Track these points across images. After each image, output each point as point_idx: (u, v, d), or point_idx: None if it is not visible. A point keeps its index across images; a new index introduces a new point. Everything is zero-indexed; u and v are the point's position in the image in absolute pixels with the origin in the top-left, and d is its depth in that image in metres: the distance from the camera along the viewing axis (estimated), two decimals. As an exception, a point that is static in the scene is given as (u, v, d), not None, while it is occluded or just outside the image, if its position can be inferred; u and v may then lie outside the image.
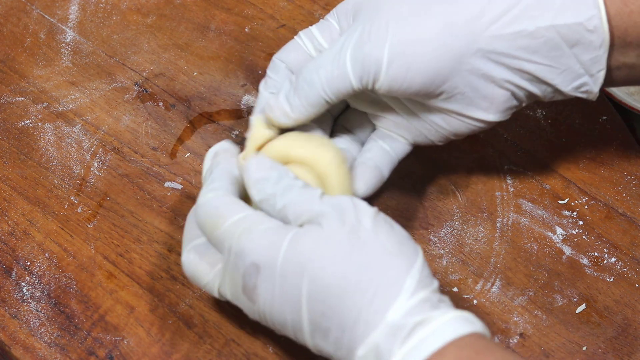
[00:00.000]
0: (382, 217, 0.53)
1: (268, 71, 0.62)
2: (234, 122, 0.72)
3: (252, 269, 0.52)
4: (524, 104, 0.60)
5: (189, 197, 0.68)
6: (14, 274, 0.64)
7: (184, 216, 0.66)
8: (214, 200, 0.55)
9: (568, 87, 0.58)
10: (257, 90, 0.73)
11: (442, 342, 0.48)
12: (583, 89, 0.58)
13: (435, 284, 0.52)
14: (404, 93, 0.57)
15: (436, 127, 0.61)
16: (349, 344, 0.51)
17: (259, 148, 0.59)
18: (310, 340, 0.52)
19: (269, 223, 0.53)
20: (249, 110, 0.72)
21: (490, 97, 0.58)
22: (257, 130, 0.60)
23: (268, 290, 0.52)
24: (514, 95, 0.59)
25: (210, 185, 0.56)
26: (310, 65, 0.58)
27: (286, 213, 0.53)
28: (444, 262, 0.65)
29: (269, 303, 0.52)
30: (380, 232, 0.52)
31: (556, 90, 0.59)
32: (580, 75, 0.58)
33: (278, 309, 0.52)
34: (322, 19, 0.62)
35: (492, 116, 0.59)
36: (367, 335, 0.50)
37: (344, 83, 0.57)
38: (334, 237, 0.51)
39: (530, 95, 0.59)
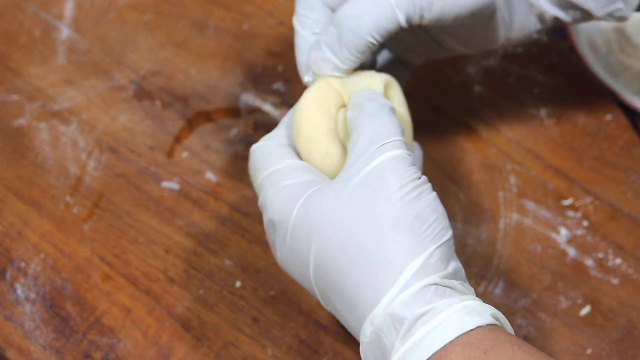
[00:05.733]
0: (414, 185, 0.49)
1: (299, 7, 0.59)
2: (232, 120, 0.71)
3: (269, 225, 0.52)
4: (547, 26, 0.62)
5: (187, 197, 0.67)
6: (8, 276, 0.63)
7: (181, 216, 0.66)
8: (260, 150, 0.55)
9: (601, 12, 0.60)
10: (255, 88, 0.73)
11: (446, 340, 0.45)
12: (617, 14, 0.60)
13: (451, 268, 0.48)
14: (455, 18, 0.56)
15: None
16: (352, 325, 0.49)
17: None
18: (324, 305, 0.51)
19: (294, 179, 0.52)
20: (247, 108, 0.72)
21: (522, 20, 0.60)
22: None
23: (282, 248, 0.51)
24: (540, 19, 0.60)
25: (270, 133, 0.56)
26: (351, 12, 0.56)
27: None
28: (446, 263, 0.65)
29: (284, 260, 0.52)
30: (400, 202, 0.48)
31: (586, 15, 0.60)
32: (615, 1, 0.59)
33: (292, 269, 0.52)
34: None
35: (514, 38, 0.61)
36: (365, 319, 0.47)
37: (391, 23, 0.55)
38: (348, 201, 0.49)
39: (557, 19, 0.60)
